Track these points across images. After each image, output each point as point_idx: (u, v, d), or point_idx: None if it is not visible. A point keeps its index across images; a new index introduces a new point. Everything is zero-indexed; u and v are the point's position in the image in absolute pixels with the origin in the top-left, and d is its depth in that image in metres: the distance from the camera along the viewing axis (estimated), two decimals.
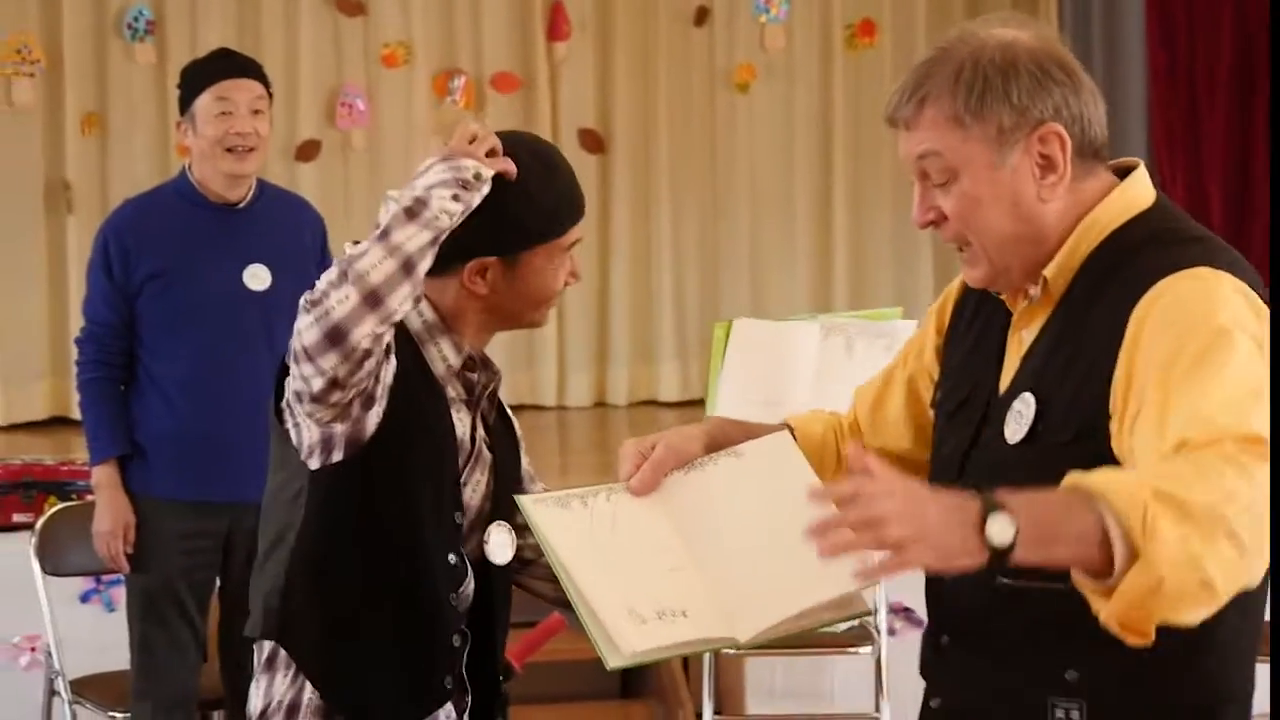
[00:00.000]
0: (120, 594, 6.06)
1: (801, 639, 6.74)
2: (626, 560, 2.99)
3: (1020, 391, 2.82)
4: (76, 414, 6.20)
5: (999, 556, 2.47)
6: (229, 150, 5.54)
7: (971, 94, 2.74)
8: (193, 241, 5.59)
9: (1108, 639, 2.53)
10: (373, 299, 3.39)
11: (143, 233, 5.67)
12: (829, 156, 10.49)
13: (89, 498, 5.99)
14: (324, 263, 5.78)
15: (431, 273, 3.58)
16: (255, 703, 3.58)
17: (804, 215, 10.75)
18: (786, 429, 3.13)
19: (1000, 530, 2.48)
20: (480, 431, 3.81)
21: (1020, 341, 2.86)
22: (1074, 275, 2.80)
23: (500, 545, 3.82)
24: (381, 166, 9.85)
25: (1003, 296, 2.90)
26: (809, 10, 10.61)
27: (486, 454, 3.81)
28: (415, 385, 3.71)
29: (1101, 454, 2.63)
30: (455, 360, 3.72)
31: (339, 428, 3.58)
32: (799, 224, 10.46)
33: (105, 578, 6.19)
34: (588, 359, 10.21)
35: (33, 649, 6.50)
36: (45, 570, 6.19)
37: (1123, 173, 2.90)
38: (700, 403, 8.82)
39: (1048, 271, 2.80)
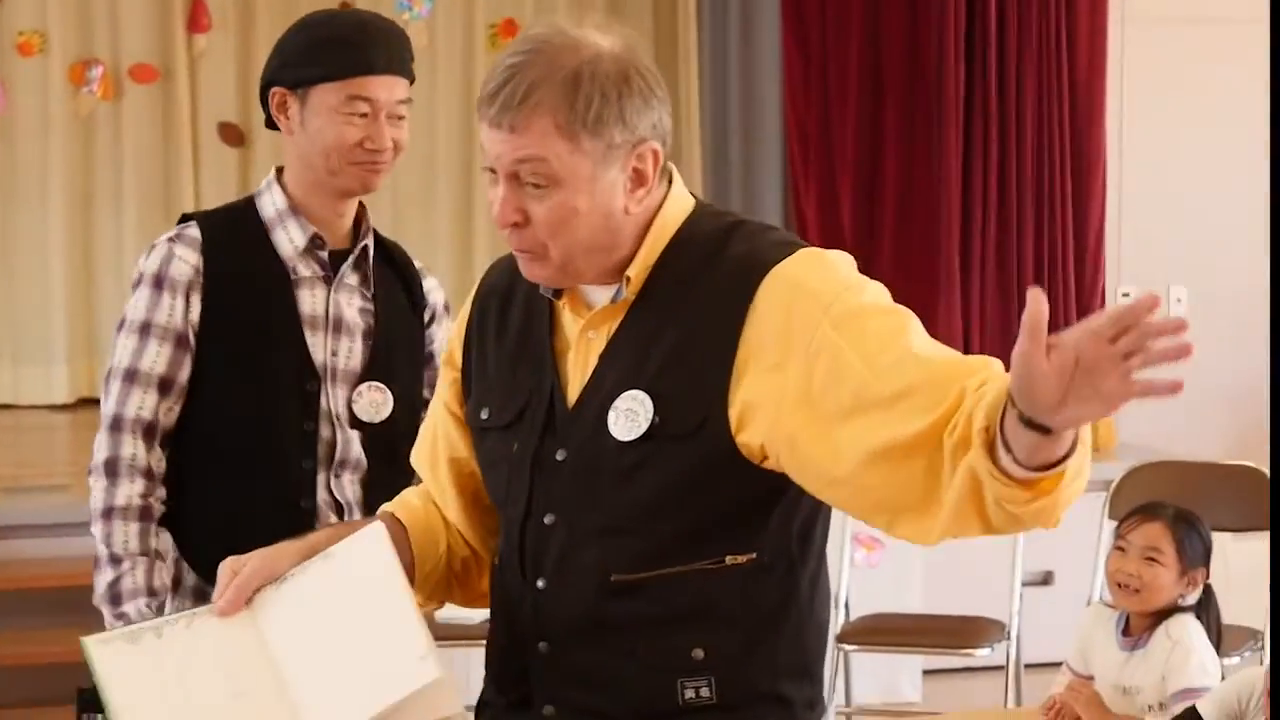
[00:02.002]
0: None
1: None
2: (185, 697, 2.94)
3: (622, 390, 2.87)
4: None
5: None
6: None
7: (590, 109, 2.76)
8: None
9: (727, 615, 2.84)
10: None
11: None
12: (471, 155, 10.49)
13: None
14: None
15: (269, 124, 4.07)
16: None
17: (445, 215, 10.87)
18: (381, 523, 3.11)
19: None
20: (344, 301, 4.10)
21: (588, 342, 2.90)
22: (649, 273, 2.87)
23: (370, 404, 4.19)
24: (16, 154, 9.73)
25: (562, 304, 2.95)
26: (451, 9, 10.56)
27: (358, 321, 4.12)
28: (252, 275, 4.10)
29: (720, 440, 2.78)
30: (301, 240, 4.02)
31: None
32: (440, 224, 10.61)
33: None
34: None
35: None
36: None
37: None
38: None
39: (631, 272, 2.86)
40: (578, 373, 2.90)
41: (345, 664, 2.90)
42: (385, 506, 3.17)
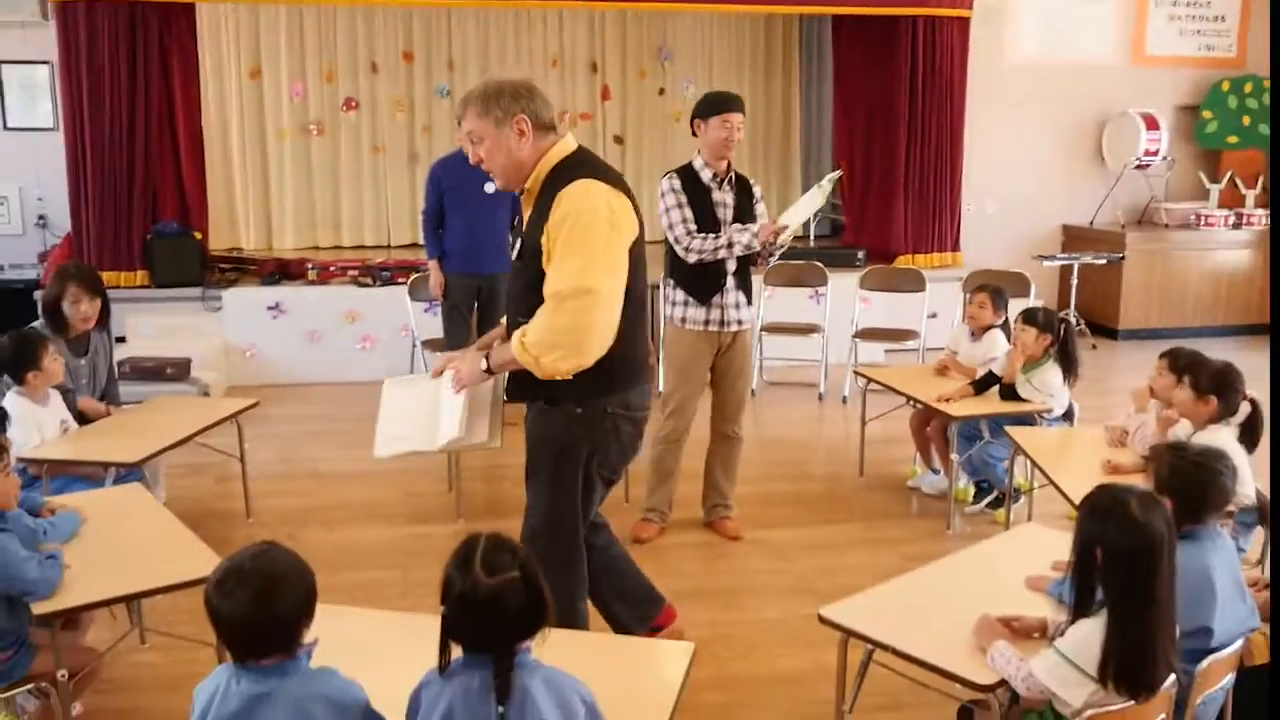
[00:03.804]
0: (438, 308, 5.85)
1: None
2: (409, 409, 2.75)
3: (519, 237, 2.68)
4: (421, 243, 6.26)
5: (490, 372, 2.63)
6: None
7: (484, 103, 2.57)
8: (465, 173, 5.52)
9: (582, 376, 2.53)
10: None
11: (446, 169, 5.56)
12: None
13: (426, 271, 5.87)
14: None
15: (693, 133, 4.03)
16: None
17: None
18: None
19: (489, 362, 2.64)
20: (726, 197, 4.06)
21: (525, 217, 2.69)
22: (540, 185, 2.61)
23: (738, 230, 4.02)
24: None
25: (522, 197, 2.70)
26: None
27: (730, 202, 4.06)
28: (698, 188, 3.97)
29: (542, 258, 2.54)
30: (708, 175, 4.02)
31: None
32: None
33: (433, 301, 5.96)
34: None
35: (406, 329, 6.54)
36: (411, 299, 6.37)
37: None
38: None
39: (528, 185, 2.64)
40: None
41: (450, 413, 2.65)
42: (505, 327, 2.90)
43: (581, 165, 2.62)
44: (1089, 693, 2.17)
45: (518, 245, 2.67)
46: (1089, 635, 2.17)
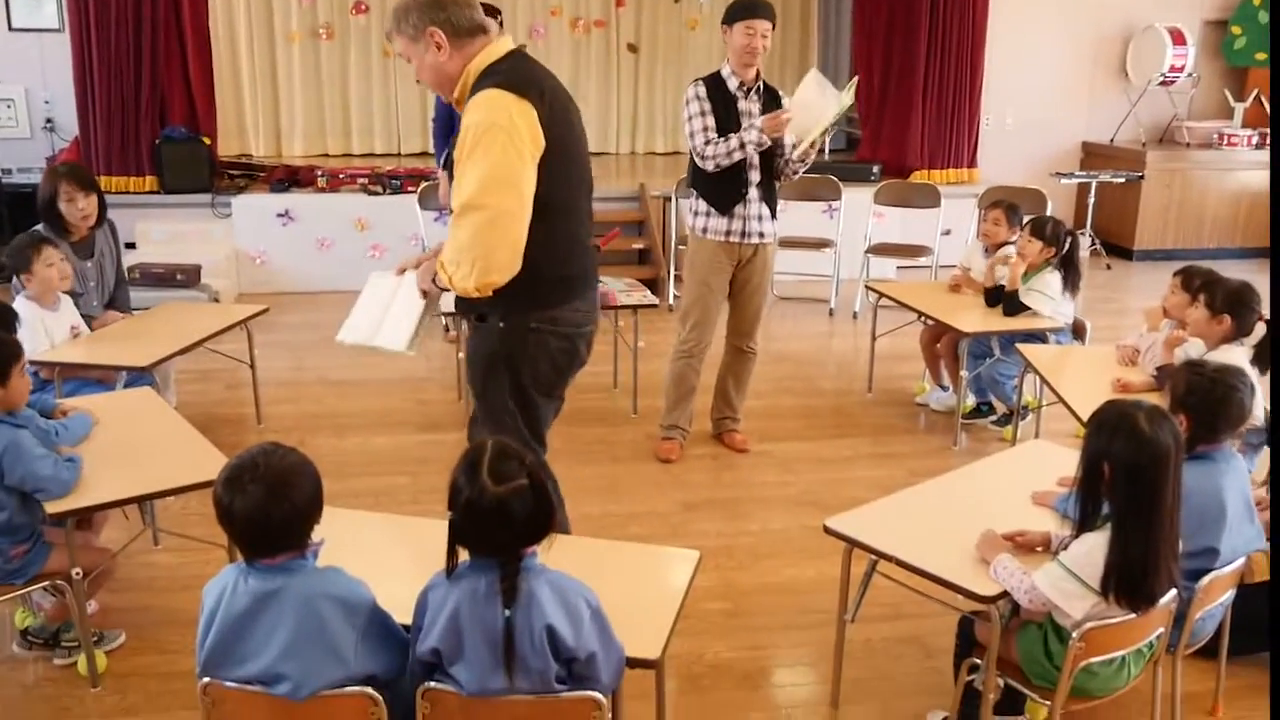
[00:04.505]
0: (447, 217, 5.98)
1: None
2: (375, 304, 2.67)
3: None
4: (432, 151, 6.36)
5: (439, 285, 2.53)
6: None
7: (398, 22, 2.45)
8: None
9: (503, 292, 2.44)
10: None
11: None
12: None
13: (436, 180, 5.79)
14: None
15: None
16: None
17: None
18: None
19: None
20: (753, 106, 3.99)
21: None
22: (468, 93, 2.43)
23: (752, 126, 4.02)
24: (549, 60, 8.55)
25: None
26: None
27: (756, 110, 4.00)
28: (722, 95, 3.92)
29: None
30: (735, 83, 3.98)
31: None
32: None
33: (443, 210, 5.97)
34: None
35: (415, 238, 6.42)
36: (421, 208, 6.33)
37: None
38: None
39: (455, 94, 2.51)
40: None
41: (400, 318, 2.60)
42: None
43: (499, 72, 2.46)
44: (1090, 605, 2.18)
45: (444, 155, 2.54)
46: (1093, 549, 2.17)
